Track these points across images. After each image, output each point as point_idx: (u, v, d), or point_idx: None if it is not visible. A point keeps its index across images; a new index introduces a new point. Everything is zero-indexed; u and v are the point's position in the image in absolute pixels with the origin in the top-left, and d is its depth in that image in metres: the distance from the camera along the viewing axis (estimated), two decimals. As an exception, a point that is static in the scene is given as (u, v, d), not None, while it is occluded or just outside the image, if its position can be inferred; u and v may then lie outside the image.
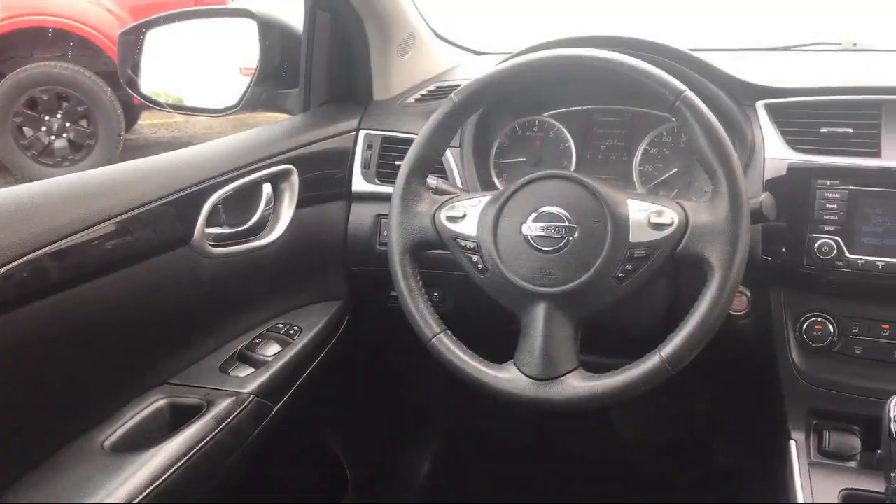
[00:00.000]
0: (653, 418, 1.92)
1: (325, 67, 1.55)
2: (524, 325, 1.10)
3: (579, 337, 1.10)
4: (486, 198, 1.16)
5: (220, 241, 1.25)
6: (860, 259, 1.17)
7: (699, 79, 1.33)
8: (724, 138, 1.05)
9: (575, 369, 1.07)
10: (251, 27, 1.52)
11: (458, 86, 1.19)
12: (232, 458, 1.18)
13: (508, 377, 1.09)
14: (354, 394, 1.82)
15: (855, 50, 1.65)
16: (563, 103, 1.48)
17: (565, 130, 1.47)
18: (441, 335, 1.13)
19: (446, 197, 1.19)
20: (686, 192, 1.38)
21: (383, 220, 1.45)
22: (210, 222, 1.21)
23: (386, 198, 1.22)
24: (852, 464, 1.21)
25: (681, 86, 1.07)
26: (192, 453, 1.08)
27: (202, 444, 1.10)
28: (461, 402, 1.93)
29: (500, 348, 1.13)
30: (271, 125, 1.46)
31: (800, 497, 1.15)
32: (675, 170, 1.40)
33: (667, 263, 1.07)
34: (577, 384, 1.06)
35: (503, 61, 1.19)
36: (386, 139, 1.49)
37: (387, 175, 1.47)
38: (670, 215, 1.06)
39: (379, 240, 1.46)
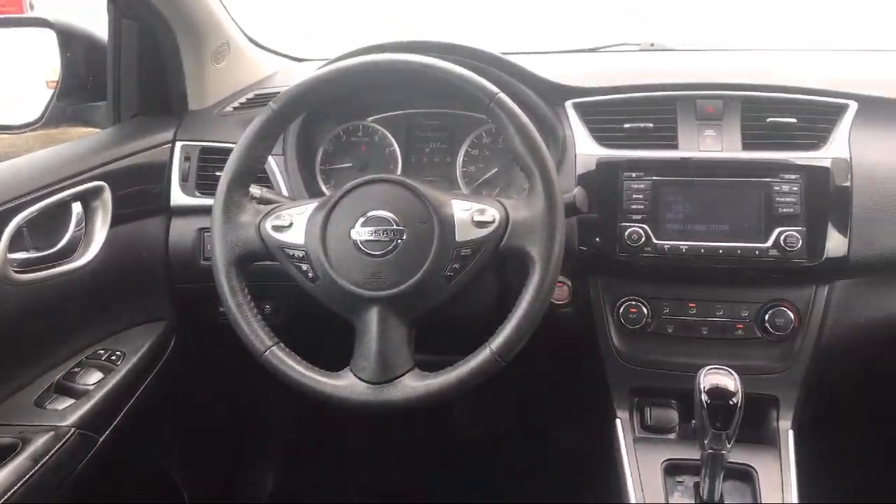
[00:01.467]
0: (491, 410, 1.98)
1: (134, 78, 1.48)
2: (358, 330, 1.10)
3: (414, 338, 1.12)
4: (312, 205, 1.15)
5: (27, 266, 1.16)
6: (666, 244, 1.26)
7: (511, 81, 1.38)
8: (537, 137, 1.10)
9: (411, 370, 1.09)
10: (50, 37, 1.43)
11: (278, 93, 1.17)
12: (55, 497, 1.10)
13: (346, 384, 1.09)
14: (190, 416, 1.74)
15: (653, 50, 1.76)
16: (386, 108, 1.50)
17: (389, 135, 1.49)
18: (273, 348, 1.11)
19: (271, 206, 1.17)
20: (507, 191, 1.44)
21: (206, 234, 1.40)
22: (14, 247, 1.13)
23: (207, 210, 1.19)
24: (672, 435, 1.30)
25: (493, 88, 1.11)
26: (6, 497, 1.00)
27: (18, 485, 1.02)
28: (301, 413, 1.90)
29: (339, 356, 1.12)
30: (79, 140, 1.37)
31: (627, 472, 1.23)
32: (496, 169, 1.45)
33: (492, 259, 1.10)
34: (413, 384, 1.07)
35: (321, 67, 1.18)
36: (204, 150, 1.44)
37: (207, 187, 1.42)
38: (492, 213, 1.10)
39: (203, 254, 1.41)
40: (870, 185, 1.24)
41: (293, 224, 1.13)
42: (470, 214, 1.10)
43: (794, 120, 1.29)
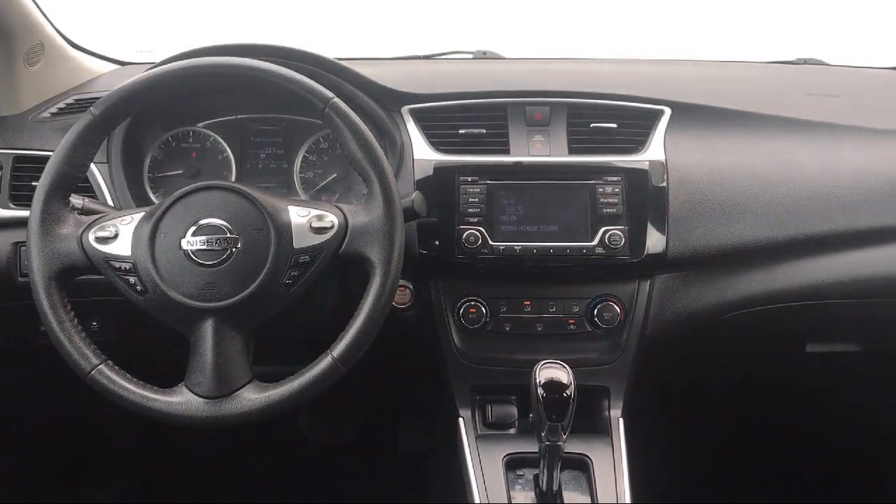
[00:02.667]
0: (339, 417, 1.97)
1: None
2: (193, 343, 1.07)
3: (252, 349, 1.09)
4: (139, 214, 1.10)
5: None
6: (501, 245, 1.30)
7: (348, 87, 1.38)
8: (373, 142, 1.11)
9: (249, 382, 1.06)
10: None
11: (99, 97, 1.11)
12: None
13: (180, 400, 1.05)
14: (22, 444, 1.62)
15: (485, 58, 1.82)
16: (218, 113, 1.46)
17: (222, 140, 1.45)
18: (101, 366, 1.05)
19: (94, 217, 1.11)
20: (347, 196, 1.43)
21: (22, 248, 1.31)
22: None
23: (23, 223, 1.11)
24: (512, 430, 1.34)
25: (328, 93, 1.11)
26: None
27: None
28: (143, 427, 1.81)
29: (174, 372, 1.08)
30: None
31: (470, 470, 1.25)
32: (335, 175, 1.44)
33: (332, 265, 1.10)
34: (253, 397, 1.05)
35: (147, 70, 1.14)
36: (18, 158, 1.35)
37: (22, 198, 1.33)
38: (330, 219, 1.10)
39: (19, 270, 1.31)
40: (684, 185, 1.34)
41: (119, 235, 1.08)
42: (308, 220, 1.09)
43: (614, 125, 1.36)
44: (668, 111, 1.39)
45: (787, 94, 1.60)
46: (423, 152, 1.35)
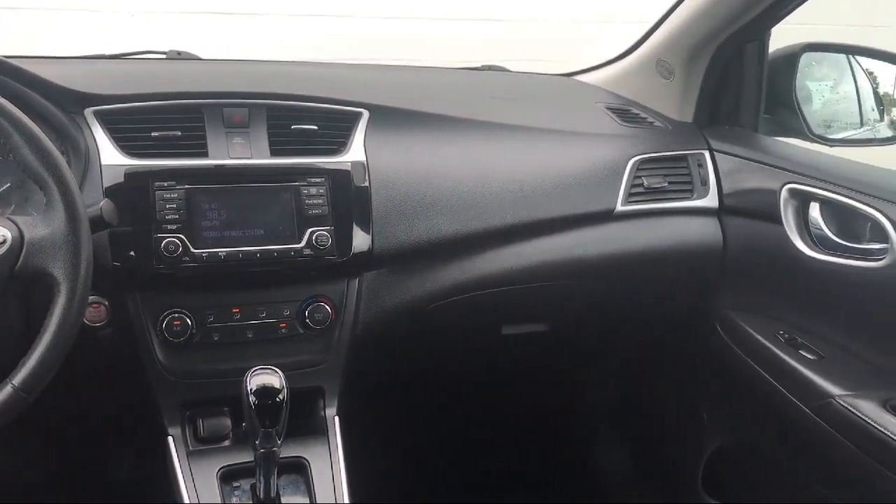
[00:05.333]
0: (28, 453, 1.77)
1: None
2: None
3: None
4: None
5: None
6: (204, 252, 1.25)
7: (17, 86, 1.25)
8: (50, 147, 1.01)
9: None
10: None
11: None
12: None
13: None
14: None
15: (180, 59, 1.74)
16: None
17: None
18: None
19: None
20: (24, 207, 1.29)
21: None
22: None
23: None
24: (226, 442, 1.30)
25: None
26: None
27: None
28: None
29: None
30: None
31: (182, 489, 1.20)
32: (8, 184, 1.29)
33: (8, 285, 0.99)
34: None
35: None
36: None
37: None
38: (2, 233, 0.99)
39: None
40: (385, 186, 1.38)
41: None
42: None
43: (315, 127, 1.37)
44: (366, 113, 1.43)
45: (475, 98, 1.73)
46: (111, 157, 1.26)
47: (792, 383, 1.42)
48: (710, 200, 1.61)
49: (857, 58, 1.79)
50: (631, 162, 1.57)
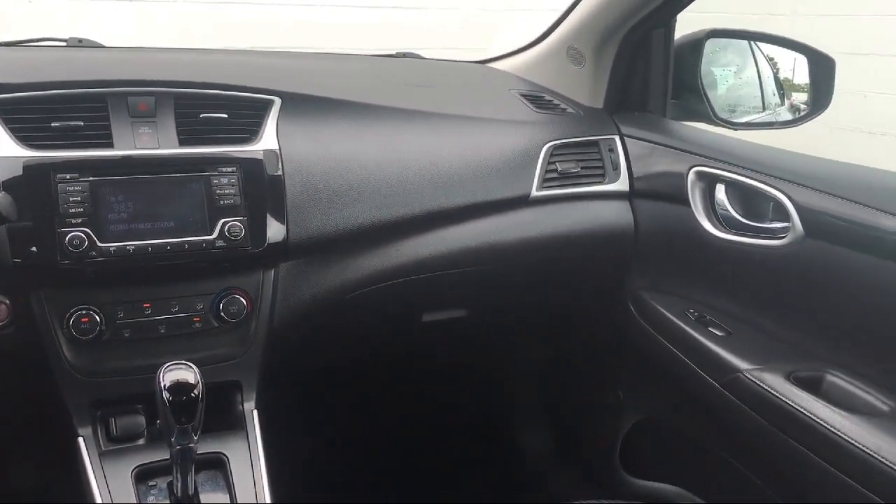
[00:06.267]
0: None
1: None
2: None
3: None
4: None
5: None
6: (112, 246, 1.21)
7: None
8: None
9: None
10: None
11: None
12: None
13: None
14: None
15: (81, 46, 1.67)
16: None
17: None
18: None
19: None
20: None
21: None
22: None
23: None
24: (141, 441, 1.27)
25: None
26: None
27: None
28: None
29: None
30: None
31: (95, 491, 1.16)
32: None
33: None
34: None
35: None
36: None
37: None
38: None
39: None
40: (299, 174, 1.36)
41: None
42: None
43: (225, 115, 1.34)
44: (277, 101, 1.40)
45: (389, 85, 1.72)
46: (8, 149, 1.20)
47: (702, 359, 1.47)
48: (622, 184, 1.65)
49: (759, 44, 1.85)
50: (545, 148, 1.59)
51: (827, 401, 1.27)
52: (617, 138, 1.67)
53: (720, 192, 1.53)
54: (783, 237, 1.39)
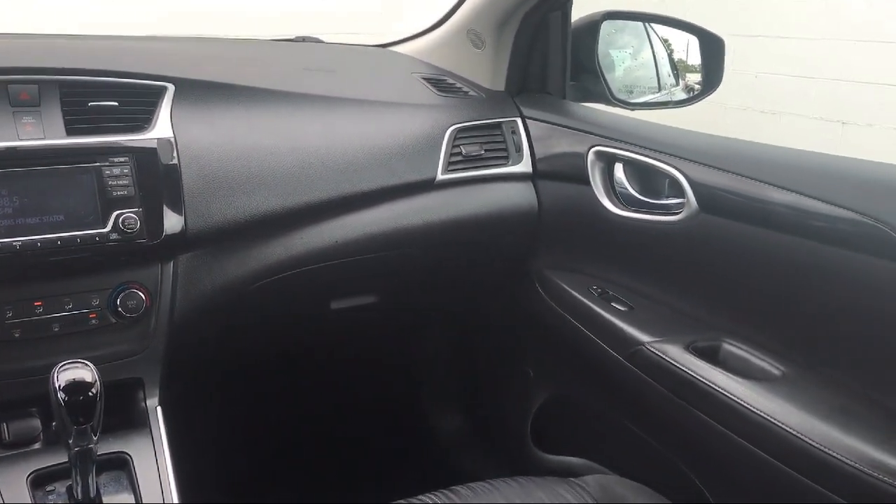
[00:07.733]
0: None
1: None
2: None
3: None
4: None
5: None
6: None
7: None
8: None
9: None
10: None
11: None
12: None
13: None
14: None
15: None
16: None
17: None
18: None
19: None
20: None
21: None
22: None
23: None
24: (37, 445, 1.21)
25: None
26: None
27: None
28: None
29: None
30: None
31: None
32: None
33: None
34: None
35: None
36: None
37: None
38: None
39: None
40: (196, 163, 1.32)
41: None
42: None
43: (115, 103, 1.29)
44: (171, 87, 1.35)
45: (289, 70, 1.69)
46: None
47: (606, 334, 1.51)
48: (525, 166, 1.67)
49: (654, 26, 1.90)
50: (449, 131, 1.60)
51: (724, 369, 1.32)
52: (519, 120, 1.69)
53: (619, 171, 1.56)
54: (679, 213, 1.43)
